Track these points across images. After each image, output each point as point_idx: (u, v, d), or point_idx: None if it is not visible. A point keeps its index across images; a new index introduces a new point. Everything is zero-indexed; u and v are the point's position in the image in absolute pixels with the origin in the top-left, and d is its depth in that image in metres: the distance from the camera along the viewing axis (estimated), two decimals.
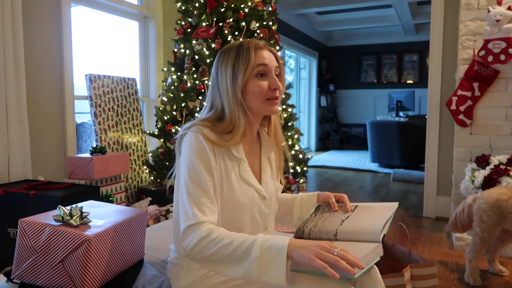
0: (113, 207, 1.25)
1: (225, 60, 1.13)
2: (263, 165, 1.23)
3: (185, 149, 1.08)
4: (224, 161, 1.11)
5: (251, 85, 1.10)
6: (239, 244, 0.95)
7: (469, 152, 2.87)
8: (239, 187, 1.12)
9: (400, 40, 8.51)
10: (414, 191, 4.50)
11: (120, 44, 3.88)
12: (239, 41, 1.15)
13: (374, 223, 1.08)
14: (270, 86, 1.11)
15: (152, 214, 2.74)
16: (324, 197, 1.27)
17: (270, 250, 0.92)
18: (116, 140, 3.34)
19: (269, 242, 0.93)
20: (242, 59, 1.10)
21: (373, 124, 6.28)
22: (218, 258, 0.97)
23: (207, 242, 0.98)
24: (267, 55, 1.13)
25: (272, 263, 0.91)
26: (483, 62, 2.73)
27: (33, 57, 2.72)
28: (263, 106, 1.12)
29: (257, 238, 0.95)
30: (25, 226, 1.02)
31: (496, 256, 2.25)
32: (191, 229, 1.00)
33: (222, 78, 1.12)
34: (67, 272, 0.99)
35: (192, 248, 0.99)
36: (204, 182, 1.03)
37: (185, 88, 3.15)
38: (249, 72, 1.09)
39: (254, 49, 1.11)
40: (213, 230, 0.99)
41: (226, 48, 1.15)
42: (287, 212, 1.35)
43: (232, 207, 1.11)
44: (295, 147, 3.44)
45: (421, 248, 2.69)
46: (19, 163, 2.50)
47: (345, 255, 0.89)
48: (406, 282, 1.36)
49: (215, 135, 1.09)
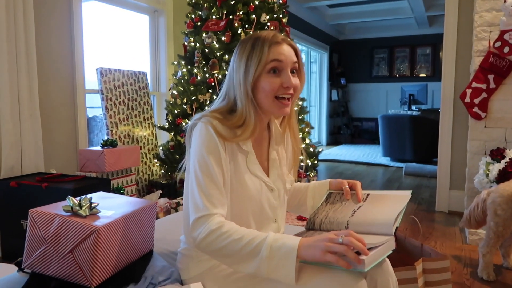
0: (122, 198, 1.26)
1: (241, 51, 1.09)
2: (271, 157, 1.21)
3: (195, 141, 1.06)
4: (233, 153, 1.10)
5: (262, 81, 1.06)
6: (249, 240, 0.94)
7: (483, 145, 2.82)
8: (247, 179, 1.11)
9: (413, 33, 8.37)
10: (426, 185, 4.44)
11: (131, 38, 3.89)
12: (258, 33, 1.11)
13: (386, 215, 1.06)
14: (283, 83, 1.06)
15: (163, 207, 2.75)
16: (337, 184, 1.25)
17: (280, 250, 0.91)
18: (127, 134, 3.36)
19: (279, 242, 0.93)
20: (256, 53, 1.06)
21: (385, 117, 6.21)
22: (227, 253, 0.97)
23: (217, 235, 0.97)
24: (285, 50, 1.08)
25: (282, 262, 0.91)
26: (498, 53, 2.67)
27: (44, 52, 2.74)
28: (273, 106, 1.08)
29: (268, 236, 0.94)
30: (35, 216, 1.03)
31: (510, 251, 2.21)
32: (201, 220, 1.00)
33: (236, 70, 1.09)
34: (76, 262, 0.99)
35: (202, 240, 0.99)
36: (214, 174, 1.02)
37: (195, 82, 3.14)
38: (261, 67, 1.05)
39: (270, 43, 1.06)
40: (224, 223, 0.99)
41: (245, 39, 1.11)
42: (301, 202, 1.33)
43: (241, 199, 1.10)
44: (305, 140, 3.42)
45: (433, 242, 2.66)
46: (32, 156, 2.53)
47: (351, 241, 0.87)
48: (418, 276, 1.33)
49: (225, 129, 1.07)
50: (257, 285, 1.01)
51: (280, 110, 1.09)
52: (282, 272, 0.91)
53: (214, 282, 1.09)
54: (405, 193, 1.17)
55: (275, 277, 0.92)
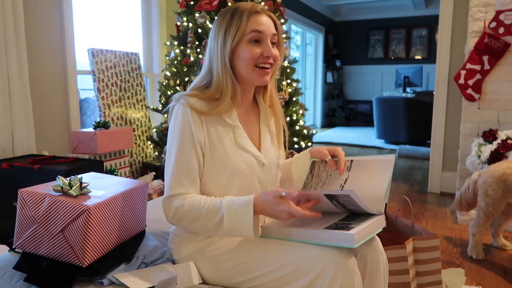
0: (114, 179, 1.25)
1: (220, 22, 1.10)
2: (262, 132, 1.21)
3: (172, 123, 1.09)
4: (215, 128, 1.09)
5: (241, 50, 1.07)
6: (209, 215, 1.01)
7: (476, 127, 2.83)
8: (235, 154, 1.10)
9: (409, 14, 8.29)
10: (419, 167, 4.48)
11: (123, 18, 3.82)
12: (237, 4, 1.11)
13: (375, 188, 1.05)
14: (263, 52, 1.07)
15: (156, 188, 2.75)
16: (318, 152, 1.22)
17: (235, 203, 0.99)
18: (120, 116, 3.33)
19: (235, 198, 1.01)
20: (235, 22, 1.06)
21: (379, 100, 6.20)
22: (196, 228, 1.04)
23: (181, 213, 1.03)
24: (264, 20, 1.08)
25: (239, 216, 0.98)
26: (494, 34, 2.65)
27: (34, 32, 2.68)
28: (253, 74, 1.09)
29: (223, 208, 1.00)
30: (25, 196, 1.02)
31: (500, 231, 2.25)
32: (168, 200, 1.06)
33: (214, 41, 1.10)
34: (67, 242, 0.99)
35: (171, 219, 1.07)
36: (187, 155, 1.05)
37: (188, 63, 3.11)
38: (239, 36, 1.06)
39: (248, 13, 1.07)
40: (185, 201, 1.03)
41: (224, 10, 1.12)
42: (287, 177, 1.33)
43: (228, 174, 1.09)
44: (299, 122, 3.41)
45: (425, 223, 2.69)
46: (23, 137, 2.51)
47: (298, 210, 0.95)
48: (408, 254, 1.35)
49: (204, 103, 1.08)
50: (249, 263, 1.02)
51: (260, 78, 1.10)
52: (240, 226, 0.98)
53: (205, 261, 1.10)
54: (388, 157, 1.14)
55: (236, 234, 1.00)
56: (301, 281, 0.93)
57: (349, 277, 0.91)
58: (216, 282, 1.08)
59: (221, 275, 1.07)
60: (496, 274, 1.96)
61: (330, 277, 0.90)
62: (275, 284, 0.98)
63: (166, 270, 1.08)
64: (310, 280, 0.92)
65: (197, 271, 1.10)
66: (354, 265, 0.93)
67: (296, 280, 0.94)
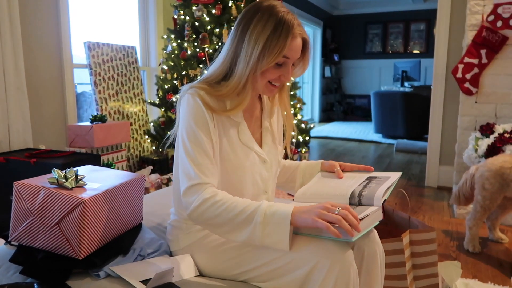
0: (110, 172, 1.24)
1: (260, 27, 1.03)
2: (264, 129, 1.21)
3: (183, 112, 1.06)
4: (223, 124, 1.09)
5: (268, 70, 1.06)
6: (243, 208, 0.94)
7: (473, 121, 2.83)
8: (239, 150, 1.10)
9: (407, 8, 8.27)
10: (417, 161, 4.49)
11: (119, 11, 3.79)
12: (280, 12, 1.04)
13: (376, 189, 1.06)
14: (281, 76, 1.08)
15: (154, 182, 2.75)
16: (329, 165, 1.25)
17: (274, 216, 0.91)
18: (117, 110, 3.32)
19: (273, 208, 0.93)
20: (277, 42, 1.01)
21: (377, 94, 6.19)
22: (220, 221, 0.96)
23: (210, 203, 0.96)
24: (298, 45, 1.05)
25: (276, 228, 0.91)
26: (491, 27, 2.65)
27: (29, 24, 2.66)
28: (263, 88, 1.10)
29: (262, 203, 0.94)
30: (20, 189, 1.01)
31: (497, 224, 2.26)
32: (194, 188, 0.99)
33: (249, 45, 1.03)
34: (63, 234, 0.99)
35: (196, 209, 0.97)
36: (203, 144, 1.02)
37: (185, 56, 3.09)
38: (276, 57, 1.02)
39: (292, 35, 1.03)
40: (218, 192, 0.98)
41: (265, 11, 1.04)
42: (290, 179, 1.34)
43: (233, 169, 1.09)
44: (297, 116, 3.41)
45: (422, 216, 2.70)
46: (20, 131, 2.50)
47: (346, 214, 0.88)
48: (404, 247, 1.36)
49: (212, 99, 1.06)
50: (246, 255, 1.02)
51: (268, 93, 1.13)
52: (275, 238, 0.91)
53: (203, 252, 1.10)
54: (395, 173, 1.17)
55: (269, 244, 0.92)
56: (297, 272, 0.93)
57: (346, 270, 0.91)
58: (213, 274, 1.08)
59: (218, 267, 1.07)
60: (492, 267, 1.97)
61: (326, 269, 0.90)
62: (271, 275, 0.98)
63: (162, 262, 1.08)
64: (306, 272, 0.92)
65: (194, 263, 1.10)
66: (351, 258, 0.93)
67: (292, 272, 0.94)
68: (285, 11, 1.06)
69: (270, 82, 1.09)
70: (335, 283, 0.89)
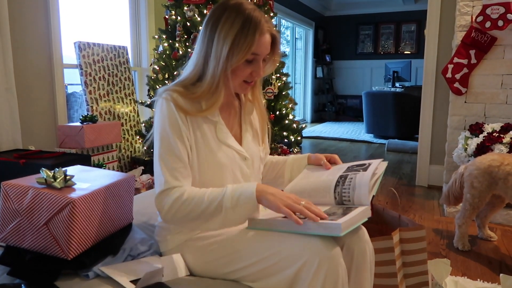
0: (100, 172, 1.24)
1: (227, 26, 1.04)
2: (243, 127, 1.21)
3: (157, 117, 1.08)
4: (198, 124, 1.09)
5: (238, 68, 1.07)
6: (211, 199, 0.99)
7: (463, 120, 2.86)
8: (217, 149, 1.11)
9: (398, 9, 8.33)
10: (408, 161, 4.52)
11: (110, 11, 3.77)
12: (246, 9, 1.05)
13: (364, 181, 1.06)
14: (253, 72, 1.10)
15: (145, 183, 2.74)
16: (315, 159, 1.26)
17: (240, 198, 0.98)
18: (108, 110, 3.30)
19: (238, 191, 0.99)
20: (245, 39, 1.03)
21: (368, 94, 6.23)
22: (194, 216, 1.00)
23: (180, 203, 1.00)
24: (267, 41, 1.07)
25: (245, 208, 0.98)
26: (480, 28, 2.68)
27: (18, 23, 2.63)
28: (237, 87, 1.12)
29: (226, 189, 1.00)
30: (8, 189, 1.00)
31: (486, 222, 2.28)
32: (164, 194, 1.02)
33: (218, 44, 1.04)
34: (52, 235, 0.98)
35: (167, 212, 1.01)
36: (176, 148, 1.04)
37: (177, 56, 3.08)
38: (245, 54, 1.04)
39: (260, 32, 1.04)
40: (185, 191, 1.02)
41: (232, 9, 1.05)
42: (279, 175, 1.34)
43: (212, 168, 1.10)
44: (289, 116, 3.41)
45: (412, 215, 2.72)
46: (8, 132, 2.47)
47: (309, 206, 0.94)
48: (394, 245, 1.36)
49: (187, 102, 1.07)
50: (234, 254, 1.02)
51: (242, 91, 1.17)
52: (247, 216, 1.01)
53: (192, 252, 1.10)
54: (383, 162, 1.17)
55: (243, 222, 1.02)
56: (286, 272, 0.94)
57: (334, 268, 0.91)
58: (203, 273, 1.08)
59: (208, 266, 1.07)
60: (481, 264, 1.99)
61: (314, 268, 0.90)
62: (260, 275, 0.98)
63: (152, 262, 1.08)
64: (295, 271, 0.92)
65: (184, 263, 1.10)
66: (339, 256, 0.93)
67: (281, 272, 0.95)
68: (252, 8, 1.07)
69: (243, 81, 1.11)
70: (324, 281, 0.90)
